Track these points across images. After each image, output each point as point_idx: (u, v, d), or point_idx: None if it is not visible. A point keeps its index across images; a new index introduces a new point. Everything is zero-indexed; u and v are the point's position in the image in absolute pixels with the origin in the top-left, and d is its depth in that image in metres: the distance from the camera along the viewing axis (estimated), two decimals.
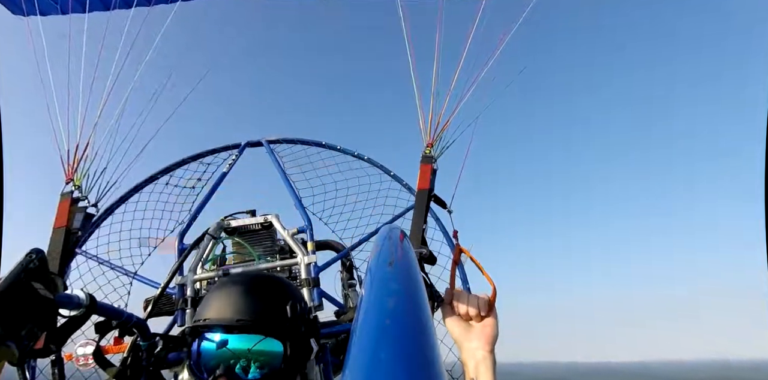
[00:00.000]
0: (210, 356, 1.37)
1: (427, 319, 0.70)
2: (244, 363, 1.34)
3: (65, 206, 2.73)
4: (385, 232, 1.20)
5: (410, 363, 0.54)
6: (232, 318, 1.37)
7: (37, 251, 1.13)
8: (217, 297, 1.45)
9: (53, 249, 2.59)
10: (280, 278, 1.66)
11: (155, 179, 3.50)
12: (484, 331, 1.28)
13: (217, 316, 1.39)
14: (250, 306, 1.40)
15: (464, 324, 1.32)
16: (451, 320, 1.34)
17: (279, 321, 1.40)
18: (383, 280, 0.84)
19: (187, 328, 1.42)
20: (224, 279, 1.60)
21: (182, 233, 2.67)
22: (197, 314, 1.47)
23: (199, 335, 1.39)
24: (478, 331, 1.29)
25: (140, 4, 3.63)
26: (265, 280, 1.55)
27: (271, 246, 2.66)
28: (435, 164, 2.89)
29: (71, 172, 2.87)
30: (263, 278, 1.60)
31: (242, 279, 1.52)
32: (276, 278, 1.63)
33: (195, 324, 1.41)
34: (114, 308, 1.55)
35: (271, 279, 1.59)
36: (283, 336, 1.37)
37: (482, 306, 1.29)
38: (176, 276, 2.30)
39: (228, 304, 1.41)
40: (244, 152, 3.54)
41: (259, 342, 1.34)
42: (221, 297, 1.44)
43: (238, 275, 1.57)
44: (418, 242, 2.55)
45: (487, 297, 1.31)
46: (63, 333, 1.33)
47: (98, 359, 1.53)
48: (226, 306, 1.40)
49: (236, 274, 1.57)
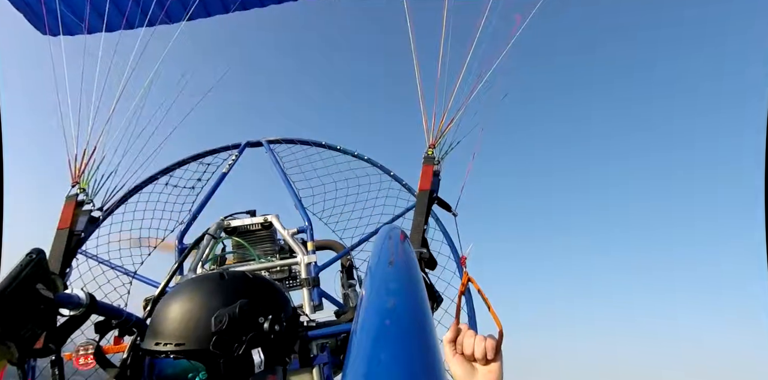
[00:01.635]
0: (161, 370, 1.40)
1: (427, 319, 0.70)
2: (203, 375, 1.32)
3: (70, 208, 2.74)
4: (385, 232, 1.20)
5: (410, 363, 0.54)
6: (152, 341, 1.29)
7: (37, 251, 1.13)
8: (155, 313, 1.36)
9: (55, 250, 2.60)
10: (229, 278, 1.43)
11: (155, 179, 3.51)
12: (489, 377, 1.22)
13: (148, 338, 1.32)
14: (170, 327, 1.30)
15: (468, 366, 1.25)
16: (454, 359, 1.29)
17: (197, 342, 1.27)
18: (383, 280, 0.84)
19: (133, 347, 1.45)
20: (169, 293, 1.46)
21: (182, 233, 2.68)
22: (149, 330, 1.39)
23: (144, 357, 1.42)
24: (481, 375, 1.23)
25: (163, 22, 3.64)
26: (193, 292, 1.37)
27: (270, 246, 2.66)
28: (438, 166, 2.88)
29: (77, 175, 2.89)
30: (196, 285, 1.40)
31: (177, 292, 1.39)
32: (217, 281, 1.41)
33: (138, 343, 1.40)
34: (114, 307, 1.55)
35: (205, 286, 1.39)
36: (199, 358, 1.28)
37: (489, 350, 1.21)
38: (176, 276, 2.31)
39: (156, 324, 1.32)
40: (244, 152, 3.55)
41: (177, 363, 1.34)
42: (157, 314, 1.35)
43: (175, 289, 1.45)
44: (418, 242, 2.55)
45: (494, 340, 1.23)
46: (63, 333, 1.34)
47: (99, 359, 1.53)
48: (153, 326, 1.33)
49: (176, 287, 1.47)
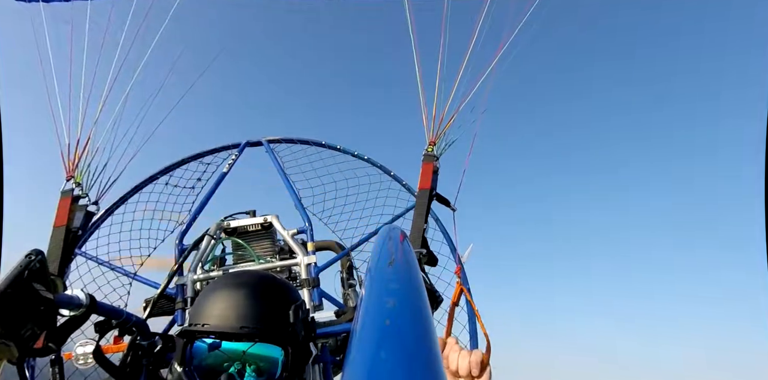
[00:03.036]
0: (202, 357, 1.30)
1: (427, 319, 0.70)
2: (238, 365, 1.28)
3: (66, 204, 2.69)
4: (385, 232, 1.19)
5: (410, 363, 0.54)
6: (235, 325, 1.27)
7: (36, 252, 1.13)
8: (216, 299, 1.35)
9: (53, 249, 2.57)
10: (282, 279, 1.57)
11: (155, 179, 3.50)
12: None
13: (218, 322, 1.29)
14: (252, 312, 1.30)
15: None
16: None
17: (282, 327, 1.33)
18: (383, 280, 0.84)
19: (182, 331, 1.33)
20: (222, 279, 1.49)
21: (182, 234, 2.68)
22: (193, 315, 1.36)
23: (194, 340, 1.31)
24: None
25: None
26: (267, 282, 1.44)
27: (270, 247, 2.66)
28: (437, 163, 2.87)
29: (72, 169, 2.82)
30: (265, 280, 1.47)
31: (243, 282, 1.40)
32: (278, 280, 1.52)
33: (192, 328, 1.31)
34: (114, 308, 1.55)
35: (274, 281, 1.48)
36: (284, 343, 1.31)
37: (474, 366, 1.16)
38: (176, 277, 2.31)
39: (228, 309, 1.30)
40: (243, 152, 3.54)
41: (254, 346, 1.28)
42: (221, 300, 1.34)
43: (237, 276, 1.48)
44: (418, 242, 2.54)
45: (481, 355, 1.19)
46: (62, 333, 1.34)
47: (98, 358, 1.53)
48: (226, 311, 1.30)
49: (235, 275, 1.50)
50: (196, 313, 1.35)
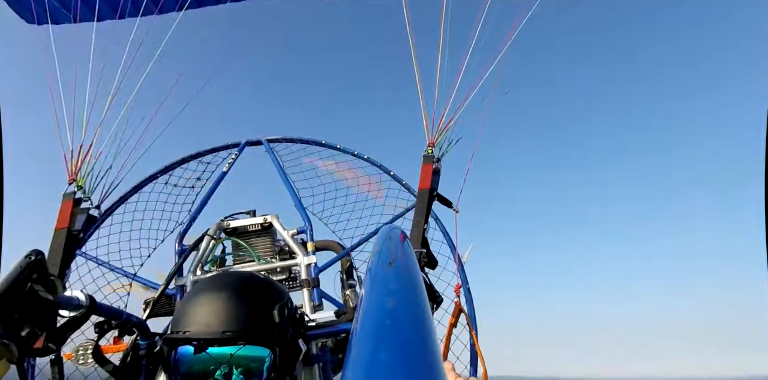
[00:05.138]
0: (189, 364, 1.28)
1: (427, 319, 0.70)
2: (225, 369, 1.27)
3: (67, 207, 2.70)
4: (385, 232, 1.19)
5: (410, 363, 0.54)
6: (217, 330, 1.25)
7: (36, 253, 1.13)
8: (197, 304, 1.32)
9: (54, 251, 2.57)
10: (266, 278, 1.54)
11: (155, 178, 3.50)
12: None
13: (200, 328, 1.26)
14: (235, 315, 1.28)
15: None
16: None
17: (267, 328, 1.31)
18: (383, 280, 0.84)
19: (164, 339, 1.31)
20: (203, 282, 1.44)
21: (182, 234, 2.67)
22: (175, 322, 1.33)
23: (176, 347, 1.29)
24: None
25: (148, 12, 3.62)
26: (249, 283, 1.41)
27: (270, 247, 2.65)
28: (438, 164, 2.87)
29: (74, 173, 2.84)
30: (247, 280, 1.43)
31: (224, 284, 1.37)
32: (261, 279, 1.49)
33: (174, 335, 1.29)
34: (114, 308, 1.55)
35: (256, 281, 1.44)
36: (271, 344, 1.30)
37: None
38: (176, 277, 2.30)
39: (210, 313, 1.28)
40: (243, 151, 3.54)
41: (241, 348, 1.27)
42: (202, 304, 1.31)
43: (218, 278, 1.45)
44: (418, 243, 2.54)
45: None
46: (62, 333, 1.34)
47: (97, 357, 1.54)
48: (207, 316, 1.28)
49: (216, 277, 1.47)
50: (178, 319, 1.33)
